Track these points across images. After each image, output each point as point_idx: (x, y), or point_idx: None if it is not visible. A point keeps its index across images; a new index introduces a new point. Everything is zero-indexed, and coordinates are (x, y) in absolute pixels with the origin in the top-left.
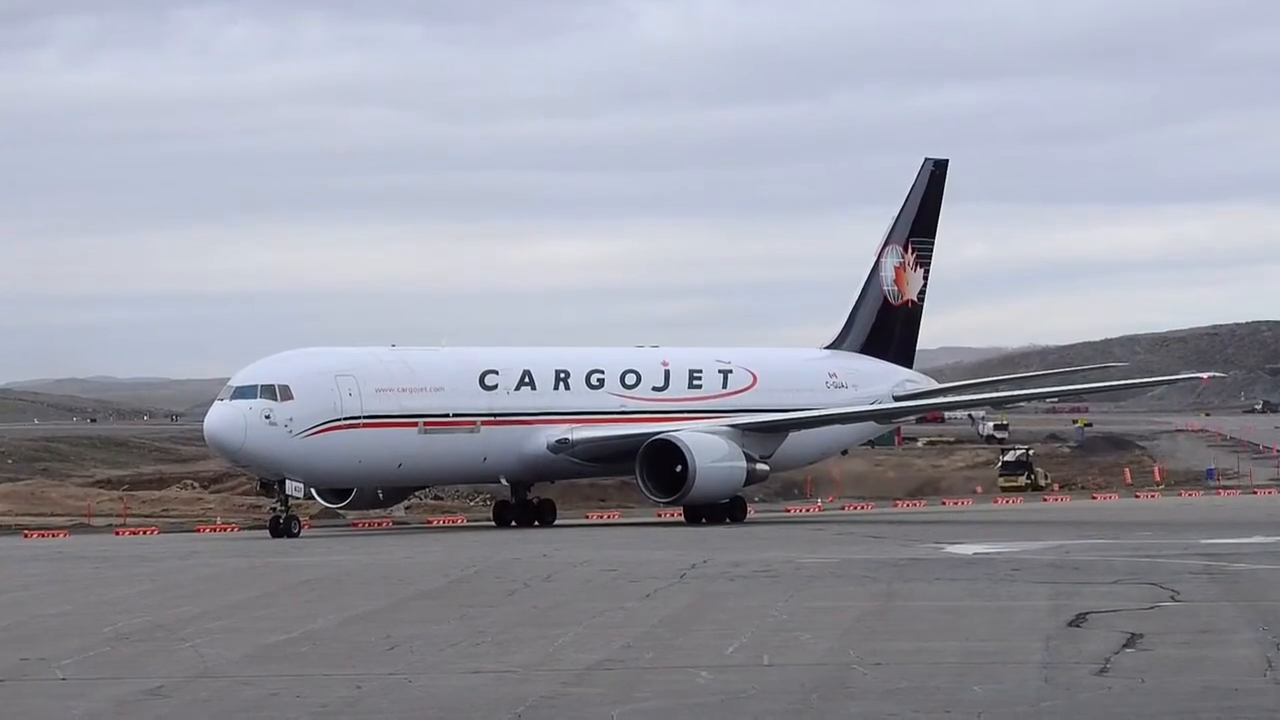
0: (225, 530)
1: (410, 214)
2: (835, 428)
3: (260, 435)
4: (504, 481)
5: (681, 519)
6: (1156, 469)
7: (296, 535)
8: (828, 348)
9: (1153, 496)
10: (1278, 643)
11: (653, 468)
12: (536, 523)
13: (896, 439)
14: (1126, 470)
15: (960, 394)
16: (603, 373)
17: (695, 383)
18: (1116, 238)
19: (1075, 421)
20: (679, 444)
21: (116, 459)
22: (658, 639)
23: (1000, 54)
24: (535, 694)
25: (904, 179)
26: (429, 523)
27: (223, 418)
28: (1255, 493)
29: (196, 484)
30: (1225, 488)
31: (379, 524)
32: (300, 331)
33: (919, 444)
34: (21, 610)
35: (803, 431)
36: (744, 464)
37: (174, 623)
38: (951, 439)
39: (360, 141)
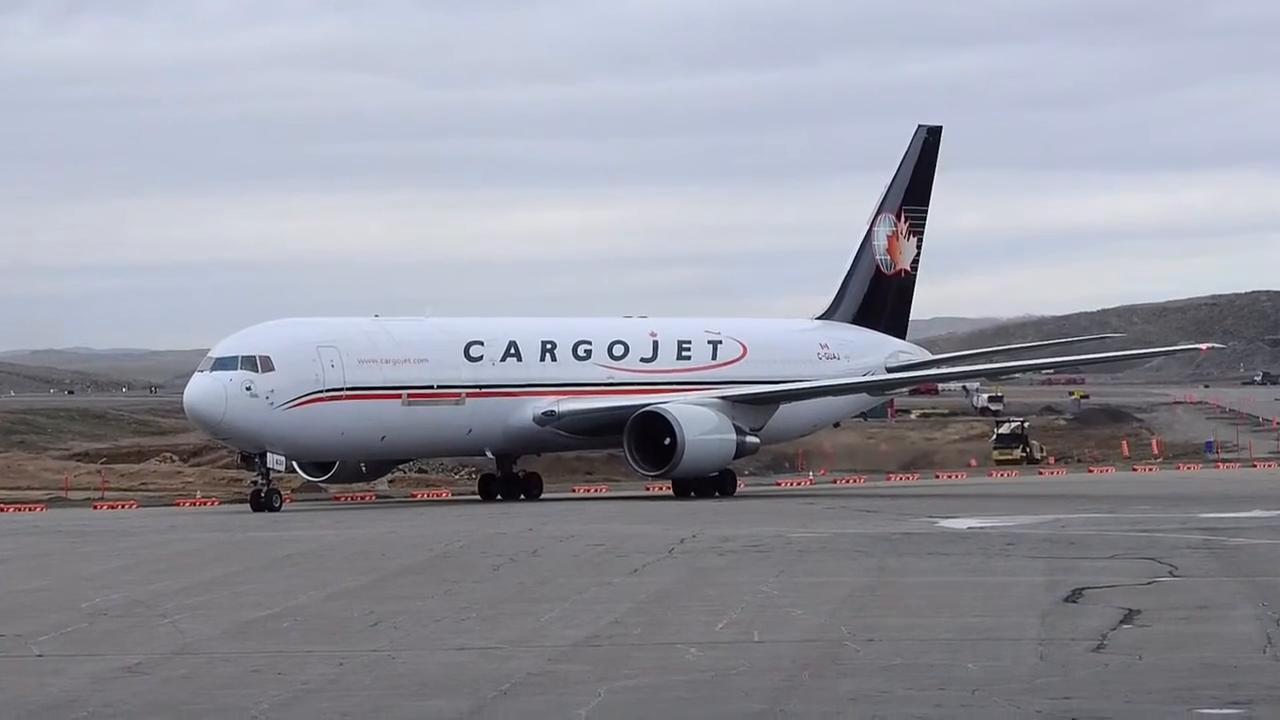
0: (205, 504)
1: (394, 182)
2: (827, 400)
3: (241, 407)
4: (489, 454)
5: (670, 492)
6: (1154, 441)
7: (278, 509)
8: (819, 318)
9: (1150, 469)
10: (1277, 619)
11: (641, 440)
12: (522, 496)
13: (889, 411)
14: (1124, 443)
15: (954, 365)
16: (590, 344)
17: (684, 354)
18: (1114, 206)
19: (1072, 393)
20: (667, 416)
21: (94, 431)
22: (646, 615)
23: (995, 19)
24: (521, 670)
25: (897, 146)
26: (413, 496)
27: (203, 390)
28: (1255, 466)
29: (176, 457)
30: (1224, 460)
31: (362, 498)
32: (282, 302)
33: (912, 416)
34: None
35: (794, 404)
36: (734, 436)
37: (153, 598)
38: (945, 411)
39: (343, 108)
